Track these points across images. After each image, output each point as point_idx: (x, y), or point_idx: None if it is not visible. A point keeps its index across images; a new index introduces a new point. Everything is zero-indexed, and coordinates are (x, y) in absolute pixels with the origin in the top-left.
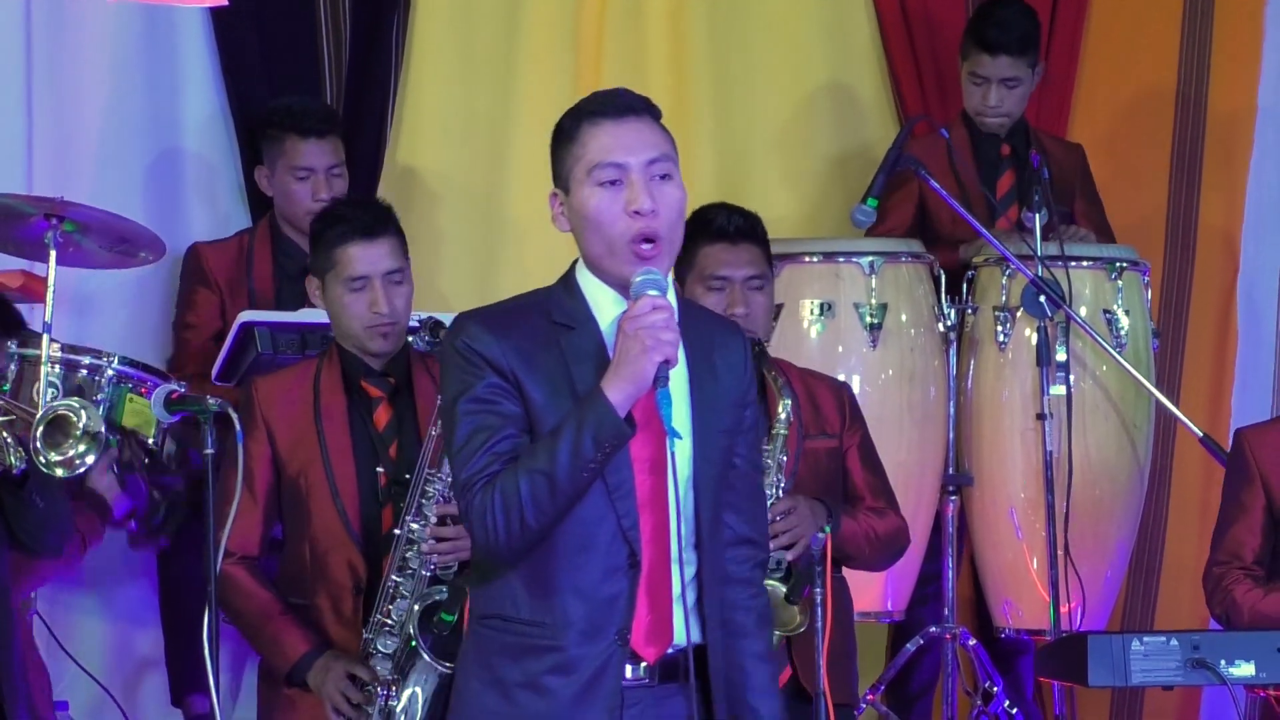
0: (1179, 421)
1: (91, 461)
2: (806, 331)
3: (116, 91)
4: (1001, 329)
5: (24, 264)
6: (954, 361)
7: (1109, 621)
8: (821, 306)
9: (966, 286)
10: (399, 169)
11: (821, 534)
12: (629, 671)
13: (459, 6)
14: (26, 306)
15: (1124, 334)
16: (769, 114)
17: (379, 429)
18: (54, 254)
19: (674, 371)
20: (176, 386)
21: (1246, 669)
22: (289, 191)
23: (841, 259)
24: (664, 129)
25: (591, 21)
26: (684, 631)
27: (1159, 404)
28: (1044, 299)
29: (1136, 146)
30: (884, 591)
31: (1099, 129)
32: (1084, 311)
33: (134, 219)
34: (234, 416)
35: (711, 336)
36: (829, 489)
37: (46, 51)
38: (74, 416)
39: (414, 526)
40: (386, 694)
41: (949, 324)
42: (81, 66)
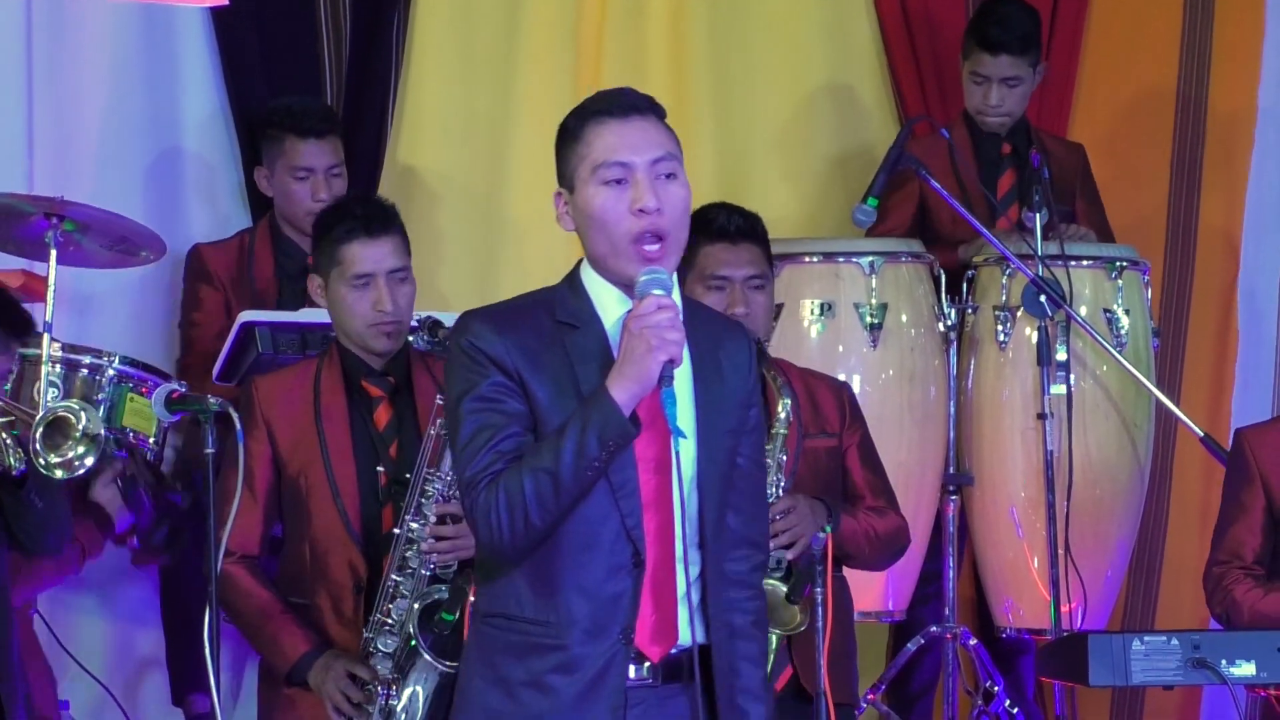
0: (1179, 421)
1: (91, 463)
2: (807, 331)
3: (117, 91)
4: (1002, 328)
5: (24, 263)
6: (954, 361)
7: (1109, 621)
8: (822, 306)
9: (966, 286)
10: (399, 168)
11: (823, 534)
12: (632, 671)
13: (459, 6)
14: (27, 306)
15: (1124, 333)
16: (769, 114)
17: (379, 428)
18: (54, 253)
19: (679, 371)
20: (177, 386)
21: (1247, 668)
22: (288, 192)
23: (841, 259)
24: (668, 128)
25: (591, 21)
26: (689, 631)
27: (1159, 403)
28: (1044, 298)
29: (1137, 146)
30: (885, 591)
31: (1099, 129)
32: (1084, 311)
33: (134, 218)
34: (234, 416)
35: (716, 336)
36: (829, 488)
37: (47, 51)
38: (73, 418)
39: (413, 526)
40: (387, 693)
41: (949, 324)
42: (82, 66)
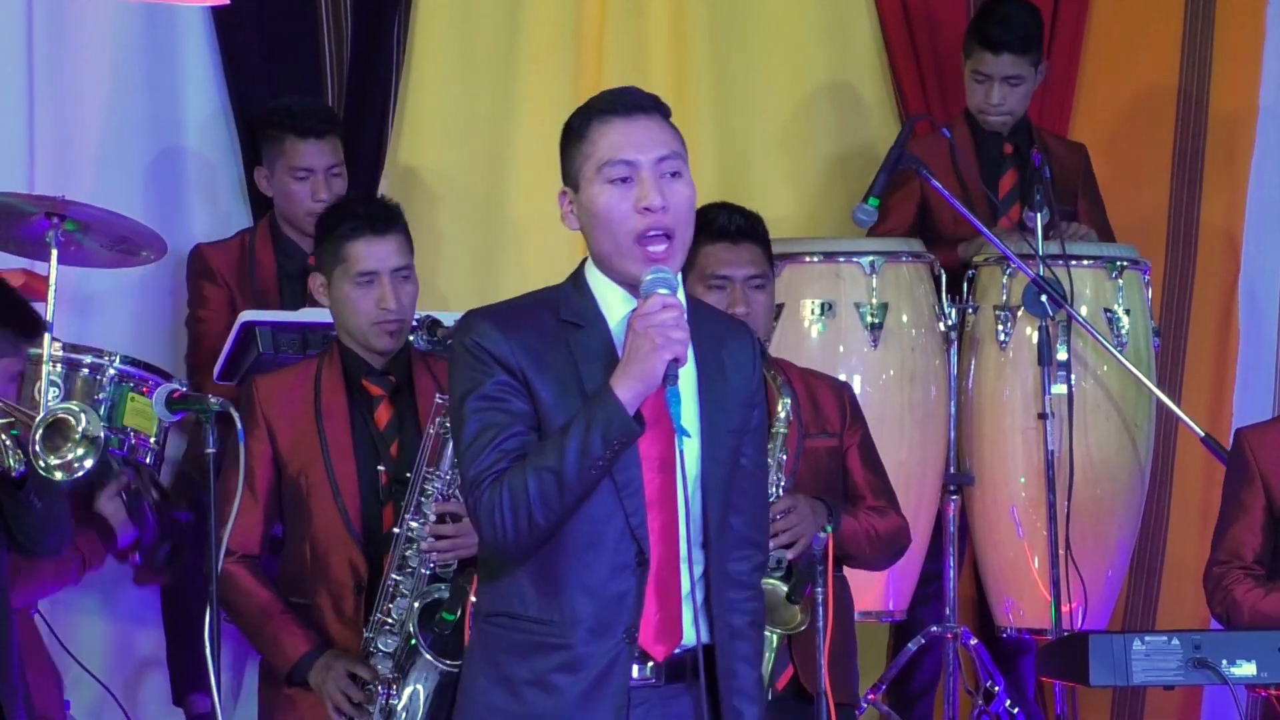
0: (1180, 421)
1: (90, 465)
2: (807, 331)
3: (117, 90)
4: (1002, 328)
5: (25, 263)
6: (955, 361)
7: (1110, 621)
8: (822, 306)
9: (967, 286)
10: (399, 169)
11: (823, 533)
12: (635, 671)
13: (460, 6)
14: None
15: (1125, 333)
16: (770, 113)
17: (380, 428)
18: (55, 253)
19: (683, 370)
20: (178, 385)
21: (1248, 668)
22: (288, 192)
23: (842, 259)
24: (673, 127)
25: (592, 21)
26: (693, 631)
27: (1160, 403)
28: (1045, 298)
29: (1138, 146)
30: (885, 591)
31: (1100, 129)
32: (1085, 311)
33: (135, 218)
34: (235, 416)
35: (720, 336)
36: (829, 488)
37: (47, 51)
38: (73, 420)
39: (413, 525)
40: (387, 692)
41: (950, 323)
42: (82, 65)
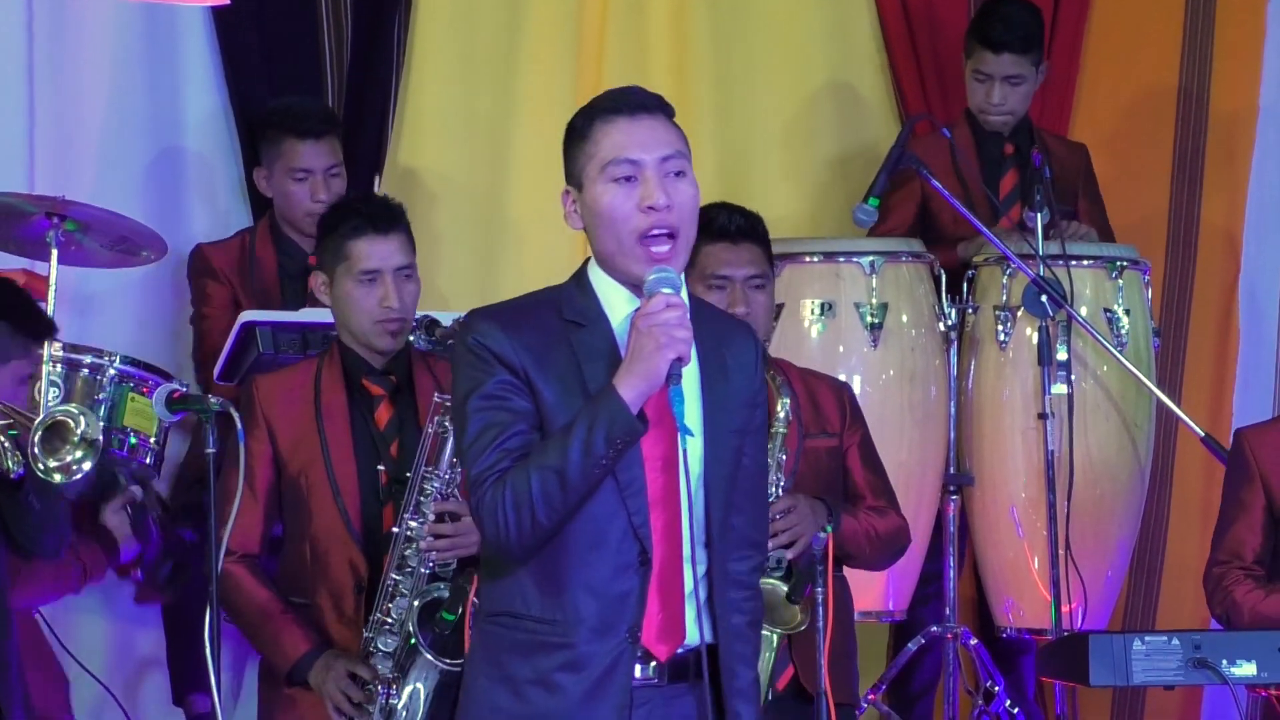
0: (1180, 421)
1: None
2: (807, 331)
3: (117, 90)
4: (1002, 328)
5: (25, 263)
6: (955, 361)
7: (1110, 621)
8: (822, 306)
9: (967, 286)
10: (399, 169)
11: (823, 533)
12: (638, 671)
13: (460, 6)
14: None
15: (1125, 333)
16: (770, 113)
17: (380, 427)
18: (55, 253)
19: (686, 369)
20: (178, 386)
21: (1248, 668)
22: (287, 192)
23: (842, 258)
24: (677, 127)
25: (593, 21)
26: (696, 630)
27: (1160, 403)
28: (1045, 298)
29: (1138, 146)
30: (885, 591)
31: (1100, 128)
32: (1085, 311)
33: (135, 218)
34: (235, 415)
35: (722, 336)
36: (829, 488)
37: (48, 51)
38: (72, 423)
39: (413, 524)
40: (387, 692)
41: (950, 323)
42: (83, 66)
